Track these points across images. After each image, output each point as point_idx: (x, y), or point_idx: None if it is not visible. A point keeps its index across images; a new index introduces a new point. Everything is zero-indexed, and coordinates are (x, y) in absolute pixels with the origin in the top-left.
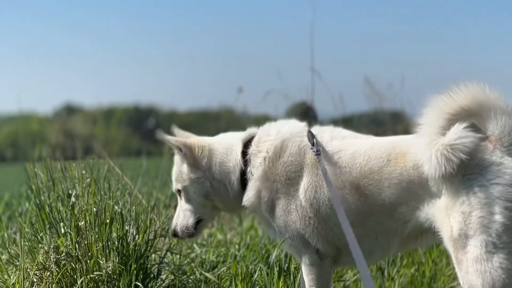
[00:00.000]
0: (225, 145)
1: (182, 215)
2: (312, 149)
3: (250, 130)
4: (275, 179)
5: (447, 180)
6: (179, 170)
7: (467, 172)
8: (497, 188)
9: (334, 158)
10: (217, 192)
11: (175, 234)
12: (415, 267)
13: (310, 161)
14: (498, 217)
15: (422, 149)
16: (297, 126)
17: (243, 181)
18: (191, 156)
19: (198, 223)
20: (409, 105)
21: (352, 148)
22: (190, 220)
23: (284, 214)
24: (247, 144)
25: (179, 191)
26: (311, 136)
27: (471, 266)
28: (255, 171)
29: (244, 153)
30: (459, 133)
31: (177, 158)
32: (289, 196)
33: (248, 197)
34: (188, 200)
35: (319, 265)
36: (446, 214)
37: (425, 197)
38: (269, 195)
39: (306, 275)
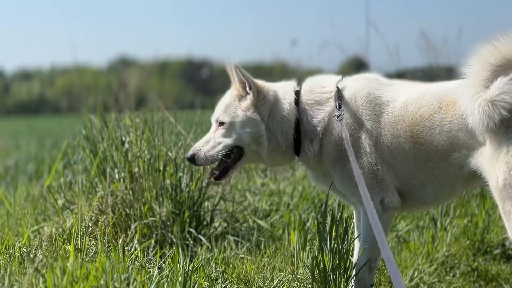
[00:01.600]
0: (283, 94)
1: (212, 144)
2: (335, 115)
3: (291, 81)
4: (332, 136)
5: (491, 132)
6: (233, 104)
7: (510, 124)
8: None
9: (389, 108)
10: (269, 138)
11: (191, 158)
12: (468, 218)
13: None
14: None
15: (466, 101)
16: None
17: (297, 131)
18: (256, 96)
19: (226, 160)
20: (464, 61)
21: (404, 96)
22: (220, 151)
23: (348, 164)
24: (297, 93)
25: (221, 123)
26: (338, 97)
27: None
28: (317, 123)
29: (296, 103)
30: (501, 87)
31: (233, 91)
32: (353, 145)
33: (311, 150)
34: (228, 135)
35: (382, 216)
36: (492, 164)
37: (475, 145)
38: (331, 149)
39: (365, 224)
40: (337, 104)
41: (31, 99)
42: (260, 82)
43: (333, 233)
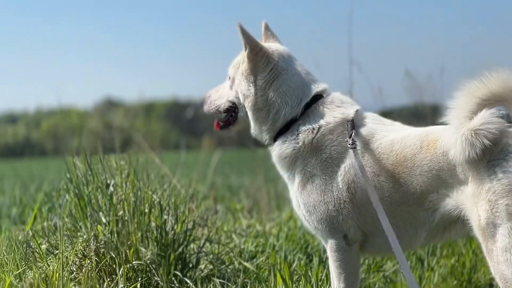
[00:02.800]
0: (299, 84)
1: (219, 94)
2: (347, 140)
3: (323, 85)
4: (316, 153)
5: (472, 166)
6: (239, 61)
7: (491, 158)
8: None
9: (376, 144)
10: (255, 106)
11: (203, 104)
12: (455, 258)
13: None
14: None
15: (450, 132)
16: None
17: (287, 125)
18: (254, 59)
19: (230, 112)
20: (449, 98)
21: (392, 135)
22: (223, 103)
23: (316, 193)
24: (315, 97)
25: (229, 77)
26: (351, 127)
27: (501, 255)
28: (306, 135)
29: (307, 106)
30: (485, 118)
31: (244, 52)
32: (326, 175)
33: (283, 149)
34: (230, 90)
35: (347, 252)
36: (474, 202)
37: (454, 184)
38: (304, 167)
39: (333, 261)
40: (353, 132)
41: (17, 142)
42: (268, 46)
43: (319, 274)
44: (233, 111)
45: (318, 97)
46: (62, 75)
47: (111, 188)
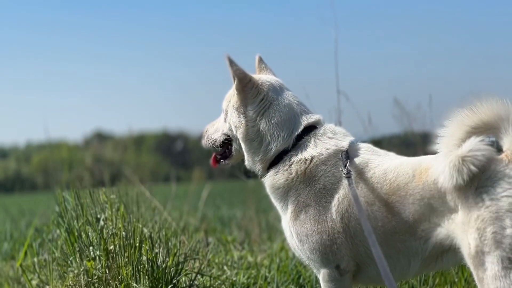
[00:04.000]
0: (291, 115)
1: (215, 128)
2: (342, 170)
3: (315, 116)
4: (310, 183)
5: (461, 193)
6: (230, 94)
7: (479, 184)
8: (507, 200)
9: (369, 173)
10: (247, 137)
11: (202, 138)
12: (447, 286)
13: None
14: (509, 231)
15: (439, 160)
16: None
17: (279, 156)
18: (243, 91)
19: (226, 146)
20: (439, 126)
21: (385, 164)
22: (219, 137)
23: (310, 222)
24: (308, 129)
25: (222, 110)
26: (345, 157)
27: (491, 283)
28: (298, 166)
29: (299, 137)
30: (472, 145)
31: (234, 85)
32: (320, 206)
33: (276, 180)
34: (224, 124)
35: (339, 281)
36: (464, 231)
37: (445, 212)
38: (297, 197)
39: None
40: (347, 162)
41: (7, 176)
42: (258, 78)
43: None
44: (229, 144)
45: (311, 128)
46: (51, 109)
47: (101, 222)
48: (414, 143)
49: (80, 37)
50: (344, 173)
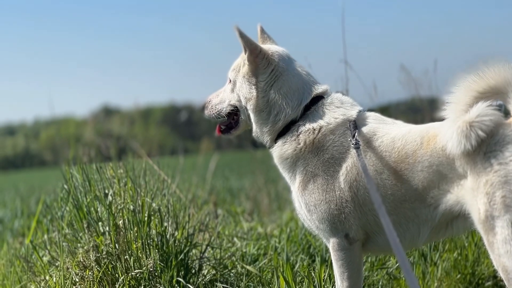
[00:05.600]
0: (300, 85)
1: (220, 98)
2: (351, 140)
3: (323, 86)
4: (318, 153)
5: (469, 159)
6: (239, 64)
7: (488, 149)
8: None
9: (377, 142)
10: (257, 108)
11: (204, 108)
12: (457, 251)
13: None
14: None
15: (447, 126)
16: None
17: (287, 126)
18: (255, 61)
19: (231, 116)
20: (446, 92)
21: (393, 132)
22: (224, 108)
23: (318, 192)
24: (315, 99)
25: (229, 80)
26: (353, 127)
27: (502, 247)
28: (307, 135)
29: (307, 107)
30: (480, 110)
31: (243, 55)
32: (328, 175)
33: (284, 150)
34: (231, 94)
35: (349, 250)
36: (473, 196)
37: (454, 179)
38: (305, 167)
39: (335, 260)
40: (355, 132)
41: (16, 153)
42: (267, 48)
43: (322, 275)
44: (234, 115)
45: (319, 98)
46: (58, 84)
47: (110, 198)
48: (421, 109)
49: (86, 11)
50: (352, 144)
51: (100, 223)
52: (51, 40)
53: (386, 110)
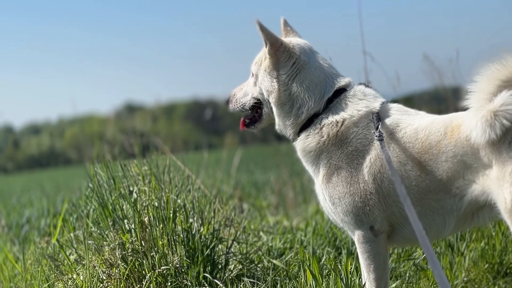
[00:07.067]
0: (322, 78)
1: (244, 92)
2: (374, 133)
3: (346, 79)
4: (341, 145)
5: (494, 148)
6: (261, 58)
7: None
8: None
9: (400, 133)
10: (279, 101)
11: (228, 102)
12: (484, 241)
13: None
14: None
15: (471, 115)
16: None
17: (310, 120)
18: (276, 55)
19: (255, 109)
20: (469, 81)
21: (416, 123)
22: (248, 101)
23: (342, 185)
24: (338, 91)
25: (252, 73)
26: (377, 119)
27: None
28: (330, 128)
29: (330, 100)
30: (504, 99)
31: (265, 49)
32: (352, 167)
33: (307, 143)
34: (254, 87)
35: (374, 242)
36: (499, 186)
37: (479, 168)
38: (329, 160)
39: (361, 253)
40: (379, 124)
41: (41, 152)
42: (288, 41)
43: (349, 267)
44: (258, 108)
45: (341, 91)
46: (82, 82)
47: (135, 195)
48: (445, 98)
49: (109, 10)
50: (376, 136)
51: (125, 221)
52: (74, 38)
53: (410, 100)
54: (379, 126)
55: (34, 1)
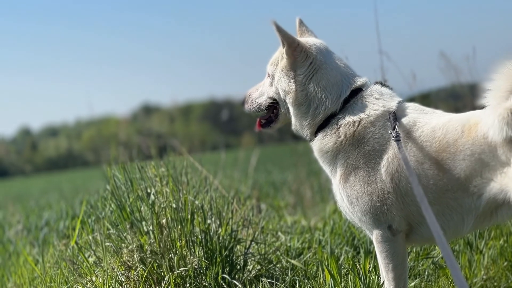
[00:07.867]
0: (339, 78)
1: (259, 92)
2: (391, 133)
3: (362, 79)
4: (358, 145)
5: (510, 143)
6: (278, 58)
7: None
8: None
9: (417, 132)
10: (296, 102)
11: (244, 103)
12: (503, 239)
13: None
14: None
15: (488, 113)
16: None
17: (327, 120)
18: (293, 55)
19: (271, 110)
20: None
21: (433, 122)
22: (264, 101)
23: (360, 184)
24: (354, 91)
25: (268, 74)
26: (393, 119)
27: None
28: (347, 128)
29: (346, 100)
30: None
31: (281, 49)
32: (369, 167)
33: (324, 143)
34: (270, 87)
35: (393, 241)
36: None
37: (497, 167)
38: (346, 159)
39: (380, 252)
40: (396, 124)
41: (59, 154)
42: (305, 41)
43: (367, 266)
44: (274, 108)
45: (358, 90)
46: (99, 85)
47: (152, 197)
48: (462, 96)
49: (126, 13)
50: (393, 137)
51: (143, 223)
52: (92, 43)
53: (427, 98)
54: (396, 126)
55: (51, 6)
